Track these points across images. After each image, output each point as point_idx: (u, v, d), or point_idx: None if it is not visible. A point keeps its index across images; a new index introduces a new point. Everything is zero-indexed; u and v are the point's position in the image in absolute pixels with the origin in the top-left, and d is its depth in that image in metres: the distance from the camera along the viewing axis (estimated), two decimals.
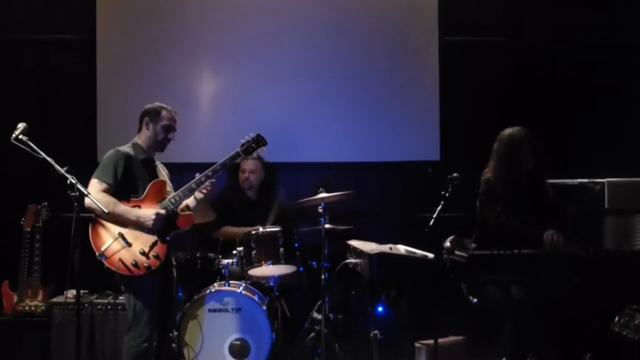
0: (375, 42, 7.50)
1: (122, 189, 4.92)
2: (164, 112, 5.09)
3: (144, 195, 4.96)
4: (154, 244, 4.88)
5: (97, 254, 4.79)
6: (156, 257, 4.86)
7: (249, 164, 6.67)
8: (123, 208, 4.85)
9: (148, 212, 4.87)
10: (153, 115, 5.09)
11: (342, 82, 7.46)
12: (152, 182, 5.01)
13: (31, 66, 7.35)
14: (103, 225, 4.86)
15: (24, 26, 7.31)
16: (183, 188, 5.01)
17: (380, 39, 7.51)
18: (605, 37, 7.62)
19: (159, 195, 5.01)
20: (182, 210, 5.11)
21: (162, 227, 4.91)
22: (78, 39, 7.35)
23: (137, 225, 4.86)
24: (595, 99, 7.48)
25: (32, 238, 6.11)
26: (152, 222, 4.84)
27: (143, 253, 4.84)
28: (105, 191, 4.85)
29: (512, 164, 4.92)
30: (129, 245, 4.84)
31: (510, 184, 4.89)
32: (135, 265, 4.82)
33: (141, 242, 4.87)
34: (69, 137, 7.13)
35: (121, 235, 4.84)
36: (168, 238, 4.94)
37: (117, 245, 4.83)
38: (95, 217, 4.85)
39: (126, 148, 5.07)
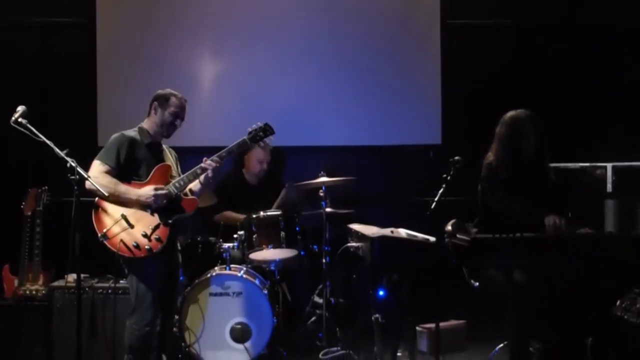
0: (377, 25, 7.48)
1: (124, 172, 4.92)
2: (173, 99, 5.05)
3: (148, 179, 4.95)
4: (156, 227, 4.87)
5: (99, 234, 4.79)
6: (158, 239, 4.85)
7: (266, 155, 6.65)
8: (124, 188, 4.85)
9: (147, 189, 4.87)
10: (162, 100, 5.06)
11: (343, 66, 7.44)
12: (157, 166, 5.00)
13: (31, 49, 7.33)
14: (106, 207, 4.85)
15: (24, 10, 7.29)
16: (188, 173, 4.99)
17: (382, 22, 7.49)
18: (608, 20, 7.57)
19: (163, 179, 4.99)
20: (185, 194, 5.09)
21: (164, 206, 4.89)
22: (78, 23, 7.33)
23: (139, 204, 4.86)
24: (598, 82, 7.45)
25: (33, 222, 6.09)
26: (152, 198, 4.83)
27: (145, 235, 4.83)
28: (107, 172, 4.85)
29: (515, 146, 4.89)
30: (131, 227, 4.83)
31: (512, 166, 4.87)
32: (137, 247, 4.81)
33: (144, 224, 4.86)
34: (69, 120, 7.13)
35: (124, 217, 4.83)
36: (170, 221, 4.92)
37: (119, 226, 4.82)
38: (98, 199, 4.84)
39: (131, 132, 5.05)
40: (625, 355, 4.84)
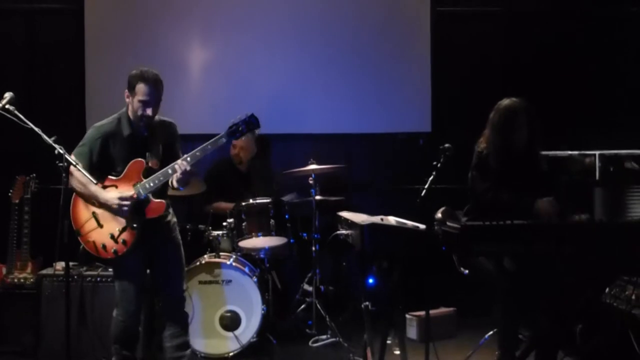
0: (367, 12, 7.47)
1: (100, 168, 4.73)
2: (138, 86, 4.66)
3: (121, 175, 4.75)
4: (123, 229, 4.72)
5: (74, 229, 4.74)
6: (124, 243, 4.72)
7: (240, 140, 6.58)
8: (94, 189, 4.66)
9: (113, 195, 4.68)
10: (130, 88, 4.72)
11: (333, 53, 7.43)
12: (131, 162, 4.74)
13: (18, 36, 7.29)
14: (80, 203, 4.77)
15: None
16: (160, 172, 4.73)
17: (371, 9, 7.48)
18: (599, 6, 7.57)
19: (136, 177, 4.74)
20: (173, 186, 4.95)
21: (131, 208, 4.70)
22: (66, 8, 7.29)
23: (107, 207, 4.72)
24: (589, 69, 7.46)
25: (21, 210, 6.06)
26: (116, 206, 4.67)
27: (112, 237, 4.72)
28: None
29: (506, 135, 4.87)
30: (101, 226, 4.74)
31: (504, 154, 4.86)
32: (104, 248, 4.73)
33: (112, 225, 4.73)
34: (57, 107, 7.10)
35: (94, 216, 4.75)
36: (136, 225, 4.72)
37: (91, 225, 4.74)
38: (74, 195, 4.75)
39: (109, 124, 4.79)
40: (614, 342, 4.87)
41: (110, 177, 4.76)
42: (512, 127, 4.88)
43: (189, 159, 4.66)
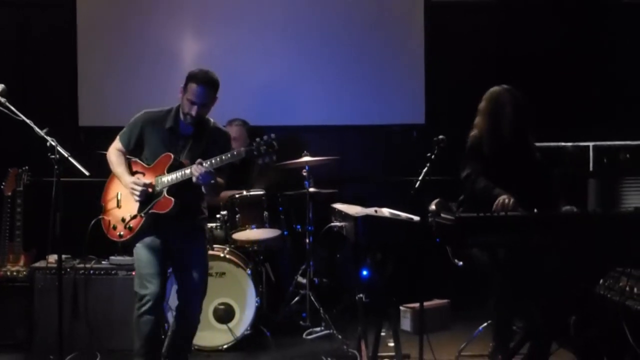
0: (360, 3, 7.43)
1: (135, 151, 4.86)
2: (189, 85, 4.73)
3: (152, 165, 4.79)
4: (134, 216, 4.75)
5: (101, 203, 4.88)
6: (130, 228, 4.75)
7: (232, 131, 6.55)
8: (121, 171, 4.78)
9: (131, 179, 4.73)
10: (185, 84, 4.79)
11: (326, 45, 7.40)
12: (162, 154, 4.76)
13: (10, 26, 7.25)
14: (113, 180, 4.89)
15: None
16: (179, 171, 4.69)
17: (364, 0, 7.45)
18: None
19: (161, 170, 4.75)
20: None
21: (143, 199, 4.72)
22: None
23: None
24: (583, 60, 7.43)
25: (13, 203, 6.03)
26: (130, 192, 4.73)
27: (123, 220, 4.77)
28: (120, 150, 4.84)
29: (494, 118, 4.91)
30: (119, 207, 4.81)
31: (494, 141, 4.88)
32: (114, 228, 4.79)
33: (128, 209, 4.77)
34: (49, 99, 7.06)
35: (118, 196, 4.83)
36: (143, 213, 4.72)
37: (113, 203, 4.84)
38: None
39: (156, 113, 4.84)
40: (607, 333, 4.87)
41: (142, 164, 4.83)
42: (497, 109, 4.92)
43: (206, 164, 4.61)
